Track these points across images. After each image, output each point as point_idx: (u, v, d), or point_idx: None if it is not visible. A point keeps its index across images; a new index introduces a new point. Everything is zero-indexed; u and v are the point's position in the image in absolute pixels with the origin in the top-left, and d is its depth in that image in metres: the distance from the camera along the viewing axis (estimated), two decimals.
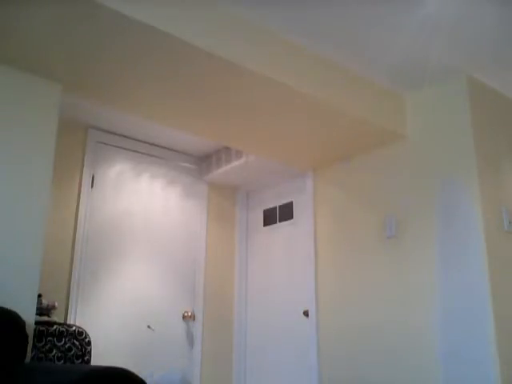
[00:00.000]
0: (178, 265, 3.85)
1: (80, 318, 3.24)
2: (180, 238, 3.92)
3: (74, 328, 2.54)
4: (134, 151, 3.82)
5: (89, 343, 2.55)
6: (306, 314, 3.58)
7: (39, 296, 2.58)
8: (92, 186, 3.51)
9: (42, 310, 2.62)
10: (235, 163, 3.82)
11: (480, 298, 2.52)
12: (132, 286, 3.55)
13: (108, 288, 3.44)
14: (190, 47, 2.19)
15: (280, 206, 4.06)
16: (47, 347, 2.40)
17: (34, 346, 2.34)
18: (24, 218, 2.27)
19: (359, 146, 3.23)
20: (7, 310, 1.93)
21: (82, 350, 2.50)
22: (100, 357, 3.20)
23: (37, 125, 2.39)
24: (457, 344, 2.57)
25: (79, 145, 3.52)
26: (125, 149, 3.77)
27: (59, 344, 2.45)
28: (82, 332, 2.55)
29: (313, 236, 3.54)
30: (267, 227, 4.13)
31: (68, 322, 3.16)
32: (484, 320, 2.48)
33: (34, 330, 2.33)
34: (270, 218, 4.14)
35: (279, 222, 4.03)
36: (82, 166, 3.50)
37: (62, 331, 2.48)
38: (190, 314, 3.81)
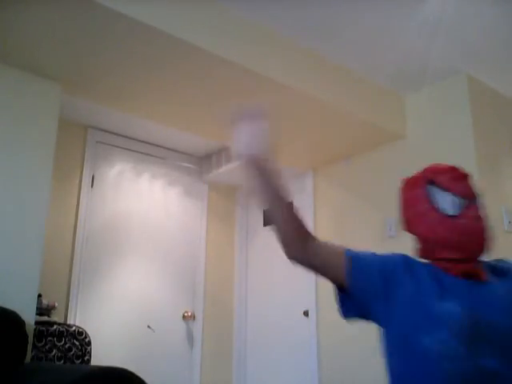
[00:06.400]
0: (178, 265, 3.85)
1: (80, 318, 3.23)
2: (180, 238, 3.91)
3: (73, 328, 2.54)
4: (134, 151, 3.82)
5: (89, 343, 2.55)
6: (306, 314, 3.58)
7: (39, 296, 2.58)
8: (92, 186, 3.51)
9: (42, 310, 2.62)
10: (235, 163, 3.82)
11: None
12: (132, 286, 3.55)
13: (108, 288, 3.43)
14: (190, 47, 2.20)
15: None
16: (47, 347, 2.40)
17: (34, 345, 2.34)
18: (24, 218, 2.27)
19: (359, 146, 3.23)
20: (7, 309, 1.94)
21: (82, 350, 2.50)
22: (100, 357, 3.20)
23: (37, 125, 2.39)
24: None
25: (79, 145, 3.52)
26: (125, 149, 3.77)
27: (59, 344, 2.45)
28: (82, 332, 2.55)
29: None
30: (267, 227, 4.13)
31: (68, 322, 3.16)
32: None
33: (34, 329, 2.33)
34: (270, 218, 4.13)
35: None
36: (82, 165, 3.49)
37: (62, 331, 2.48)
38: (190, 313, 3.81)
